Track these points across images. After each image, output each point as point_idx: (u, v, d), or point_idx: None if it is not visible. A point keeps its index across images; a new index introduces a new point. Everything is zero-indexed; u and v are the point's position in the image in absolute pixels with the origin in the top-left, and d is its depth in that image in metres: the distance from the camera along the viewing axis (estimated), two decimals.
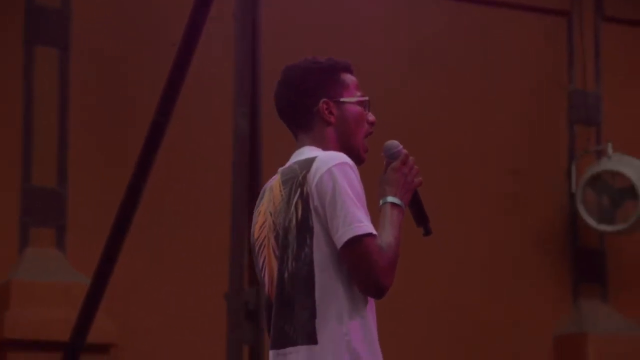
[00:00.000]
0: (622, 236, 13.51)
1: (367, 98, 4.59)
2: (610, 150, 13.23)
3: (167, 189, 11.94)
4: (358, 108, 4.52)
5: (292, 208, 4.26)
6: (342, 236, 4.11)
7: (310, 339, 4.18)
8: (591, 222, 13.16)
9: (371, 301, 4.30)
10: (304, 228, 4.23)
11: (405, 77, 13.40)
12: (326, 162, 4.26)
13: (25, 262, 11.97)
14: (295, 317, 4.21)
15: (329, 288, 4.19)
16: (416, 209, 4.58)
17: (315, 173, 4.22)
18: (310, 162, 4.26)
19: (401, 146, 4.46)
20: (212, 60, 11.56)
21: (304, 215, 4.24)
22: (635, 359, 13.16)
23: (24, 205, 12.13)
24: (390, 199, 4.35)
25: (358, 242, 4.11)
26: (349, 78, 4.55)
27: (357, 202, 4.24)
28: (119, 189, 10.87)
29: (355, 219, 4.18)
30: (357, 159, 4.46)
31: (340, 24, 13.29)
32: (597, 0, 14.07)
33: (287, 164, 4.44)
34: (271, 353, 4.27)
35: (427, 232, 4.56)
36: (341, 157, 4.33)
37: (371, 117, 4.58)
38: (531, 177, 13.82)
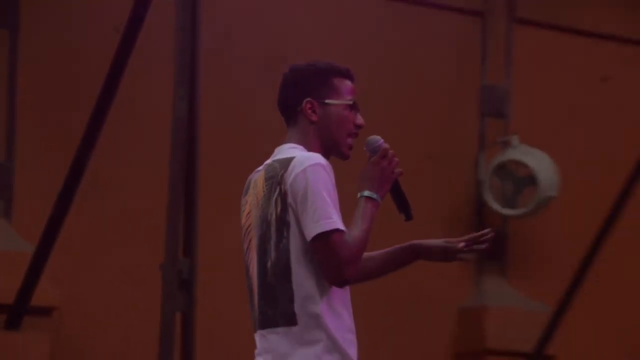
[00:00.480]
0: (522, 220, 14.04)
1: (351, 102, 4.75)
2: (515, 141, 13.75)
3: (110, 161, 12.06)
4: (342, 111, 4.72)
5: (272, 204, 4.54)
6: (311, 232, 4.39)
7: (290, 320, 4.50)
8: (496, 206, 13.75)
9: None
10: (282, 222, 4.50)
11: None
12: (301, 162, 4.51)
13: None
14: (276, 302, 4.52)
15: (304, 275, 4.47)
16: (397, 197, 4.81)
17: (291, 173, 4.47)
18: (288, 162, 4.52)
19: (382, 140, 4.67)
20: (154, 45, 11.63)
21: (282, 211, 4.50)
22: (528, 331, 13.76)
23: None
24: (365, 193, 4.57)
25: (325, 237, 4.38)
26: (341, 82, 4.78)
27: (327, 199, 4.47)
28: (64, 164, 11.09)
29: (324, 216, 4.44)
30: (340, 156, 4.77)
31: (277, 20, 13.63)
32: (509, 3, 14.42)
33: (270, 159, 4.67)
34: (256, 335, 4.60)
35: (408, 218, 4.79)
36: (316, 158, 4.59)
37: (359, 120, 4.79)
38: (444, 165, 14.23)
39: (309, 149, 4.62)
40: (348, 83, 4.75)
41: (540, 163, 13.74)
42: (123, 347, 12.29)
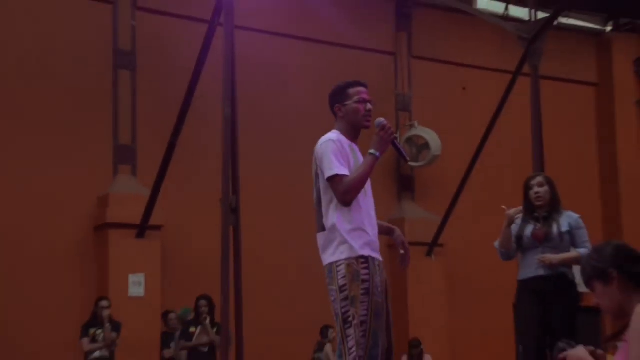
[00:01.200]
0: (422, 168, 14.54)
1: (358, 99, 4.97)
2: (416, 124, 14.55)
3: (195, 142, 12.16)
4: (355, 105, 4.96)
5: (314, 167, 4.95)
6: (325, 176, 4.82)
7: (323, 227, 4.88)
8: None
9: (356, 202, 4.85)
10: (316, 174, 4.91)
11: None
12: (319, 141, 4.95)
13: (117, 181, 12.69)
14: (319, 216, 4.91)
15: (326, 201, 4.88)
16: (397, 150, 5.11)
17: (316, 147, 4.92)
18: (319, 142, 4.96)
19: (383, 120, 4.85)
20: (212, 73, 11.14)
21: (316, 169, 4.92)
22: (429, 230, 14.16)
23: (115, 153, 12.73)
24: (370, 150, 4.79)
25: (330, 179, 4.79)
26: (354, 90, 5.00)
27: (333, 158, 4.81)
28: (162, 146, 11.55)
29: (329, 168, 4.81)
30: (364, 127, 5.01)
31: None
32: (409, 45, 14.98)
33: None
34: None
35: (406, 161, 5.34)
36: (328, 136, 4.95)
37: (368, 106, 4.98)
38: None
39: (341, 131, 4.97)
40: (359, 88, 5.04)
41: (430, 137, 14.35)
42: (193, 250, 12.39)
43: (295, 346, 12.70)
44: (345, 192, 4.78)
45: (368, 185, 4.94)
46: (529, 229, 6.28)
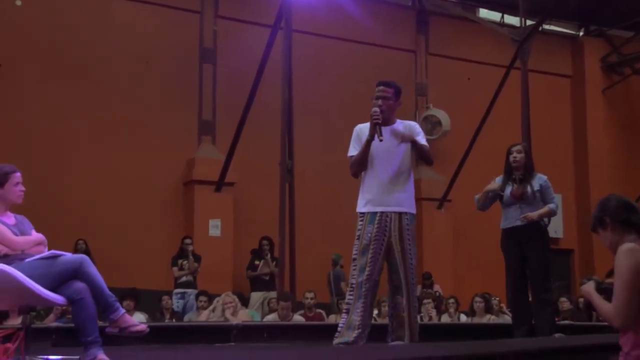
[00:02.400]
0: (436, 140, 13.73)
1: (375, 96, 4.98)
2: (431, 106, 14.40)
3: (261, 118, 11.91)
4: (373, 100, 5.03)
5: None
6: None
7: None
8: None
9: (372, 171, 4.84)
10: None
11: None
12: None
13: (200, 148, 12.58)
14: None
15: None
16: (375, 131, 4.90)
17: None
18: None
19: (375, 108, 4.80)
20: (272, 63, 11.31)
21: None
22: (440, 191, 14.02)
23: (199, 126, 12.66)
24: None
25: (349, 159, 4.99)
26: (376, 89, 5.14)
27: (351, 141, 4.93)
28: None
29: (349, 150, 5.00)
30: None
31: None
32: (426, 43, 14.65)
33: None
34: None
35: (380, 140, 4.74)
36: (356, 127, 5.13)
37: (379, 102, 4.95)
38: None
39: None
40: (378, 87, 5.09)
41: (442, 116, 14.21)
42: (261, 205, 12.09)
43: None
44: (350, 167, 4.91)
45: (379, 157, 4.85)
46: (508, 189, 6.09)
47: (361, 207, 4.86)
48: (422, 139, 5.01)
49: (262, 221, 11.52)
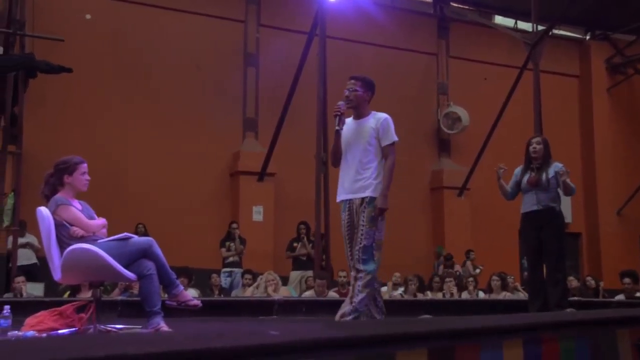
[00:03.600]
0: (455, 135, 13.96)
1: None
2: (451, 104, 14.19)
3: (302, 114, 11.89)
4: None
5: None
6: None
7: None
8: (445, 130, 13.99)
9: (342, 162, 4.51)
10: None
11: None
12: None
13: (245, 143, 12.57)
14: None
15: None
16: (339, 122, 4.57)
17: None
18: None
19: (340, 102, 4.46)
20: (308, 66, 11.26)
21: None
22: (460, 180, 13.84)
23: (244, 123, 12.68)
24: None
25: None
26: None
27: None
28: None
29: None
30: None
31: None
32: (447, 47, 14.59)
33: None
34: None
35: (337, 129, 4.44)
36: None
37: (346, 93, 4.63)
38: (424, 112, 14.15)
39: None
40: (349, 81, 4.72)
41: (462, 112, 14.05)
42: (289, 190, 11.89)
43: None
44: (329, 157, 4.97)
45: (350, 148, 4.51)
46: (526, 177, 5.96)
47: (337, 197, 4.57)
48: (386, 139, 4.47)
49: (300, 208, 11.50)
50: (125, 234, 4.30)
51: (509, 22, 15.31)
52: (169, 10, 12.24)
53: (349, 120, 4.58)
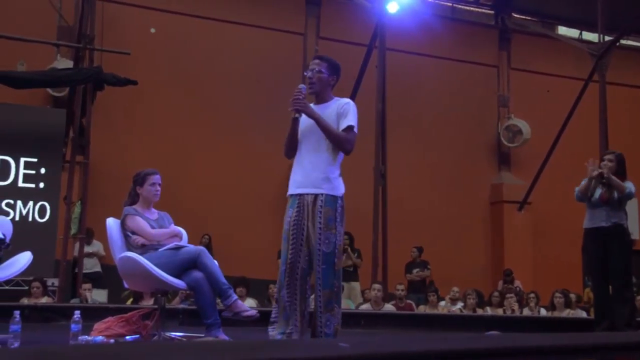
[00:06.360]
0: (516, 148, 13.85)
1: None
2: (512, 116, 14.02)
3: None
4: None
5: None
6: None
7: None
8: (505, 142, 13.86)
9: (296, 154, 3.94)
10: None
11: None
12: None
13: None
14: None
15: None
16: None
17: None
18: None
19: (301, 85, 3.88)
20: (367, 79, 11.24)
21: None
22: (521, 194, 13.59)
23: None
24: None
25: None
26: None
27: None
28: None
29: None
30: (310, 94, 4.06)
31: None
32: (508, 59, 14.46)
33: None
34: None
35: (296, 117, 3.84)
36: None
37: (309, 74, 4.06)
38: (485, 125, 14.06)
39: None
40: (313, 60, 4.15)
41: (523, 125, 13.87)
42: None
43: None
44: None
45: (307, 136, 3.91)
46: (598, 192, 5.77)
47: (288, 190, 3.96)
48: (344, 122, 3.88)
49: (355, 219, 11.11)
50: (176, 243, 4.39)
51: (573, 32, 14.96)
52: (231, 24, 12.39)
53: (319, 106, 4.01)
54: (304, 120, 3.92)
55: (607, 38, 12.63)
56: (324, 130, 3.82)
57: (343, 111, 3.91)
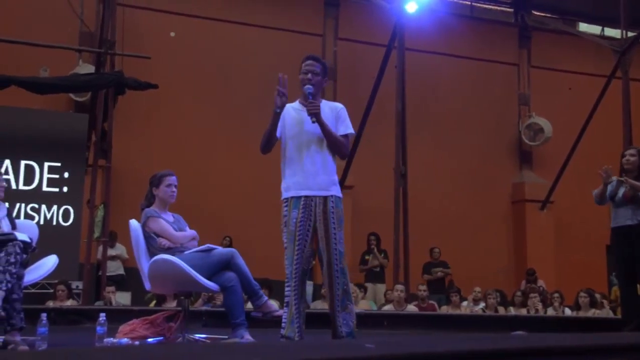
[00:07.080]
0: (538, 147, 13.71)
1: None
2: (534, 115, 13.88)
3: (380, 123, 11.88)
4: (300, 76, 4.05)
5: None
6: None
7: None
8: (526, 141, 13.73)
9: (283, 154, 4.00)
10: None
11: None
12: None
13: None
14: None
15: None
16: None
17: None
18: None
19: (308, 86, 3.84)
20: (386, 80, 11.22)
21: None
22: (543, 193, 13.41)
23: None
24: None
25: None
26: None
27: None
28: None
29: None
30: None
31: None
32: (528, 57, 14.27)
33: None
34: None
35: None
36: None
37: (309, 76, 3.95)
38: (505, 124, 13.95)
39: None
40: (306, 61, 4.08)
41: (544, 123, 13.71)
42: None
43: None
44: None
45: (300, 137, 3.93)
46: (621, 191, 5.69)
47: (284, 192, 4.03)
48: (343, 128, 3.94)
49: (377, 220, 11.33)
50: (208, 245, 4.40)
51: (594, 29, 14.80)
52: (250, 27, 12.42)
53: (294, 106, 4.02)
54: (295, 120, 3.94)
55: (629, 34, 12.45)
56: (328, 135, 3.87)
57: (341, 117, 3.98)
